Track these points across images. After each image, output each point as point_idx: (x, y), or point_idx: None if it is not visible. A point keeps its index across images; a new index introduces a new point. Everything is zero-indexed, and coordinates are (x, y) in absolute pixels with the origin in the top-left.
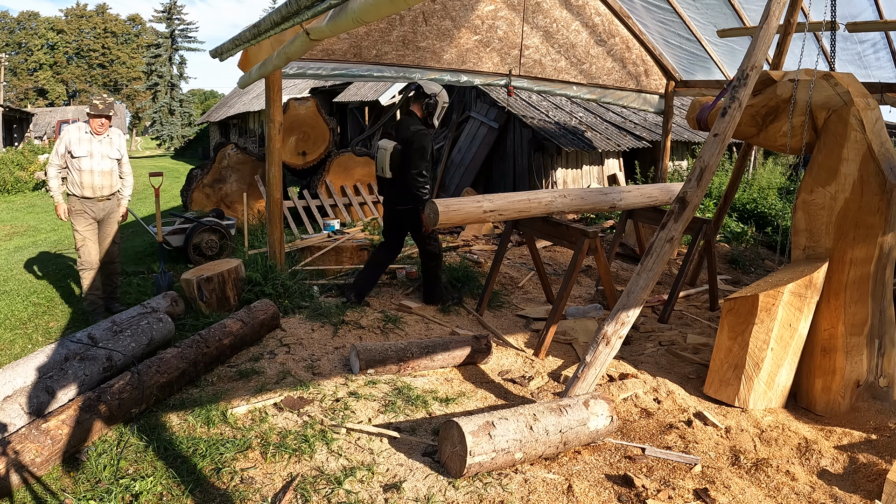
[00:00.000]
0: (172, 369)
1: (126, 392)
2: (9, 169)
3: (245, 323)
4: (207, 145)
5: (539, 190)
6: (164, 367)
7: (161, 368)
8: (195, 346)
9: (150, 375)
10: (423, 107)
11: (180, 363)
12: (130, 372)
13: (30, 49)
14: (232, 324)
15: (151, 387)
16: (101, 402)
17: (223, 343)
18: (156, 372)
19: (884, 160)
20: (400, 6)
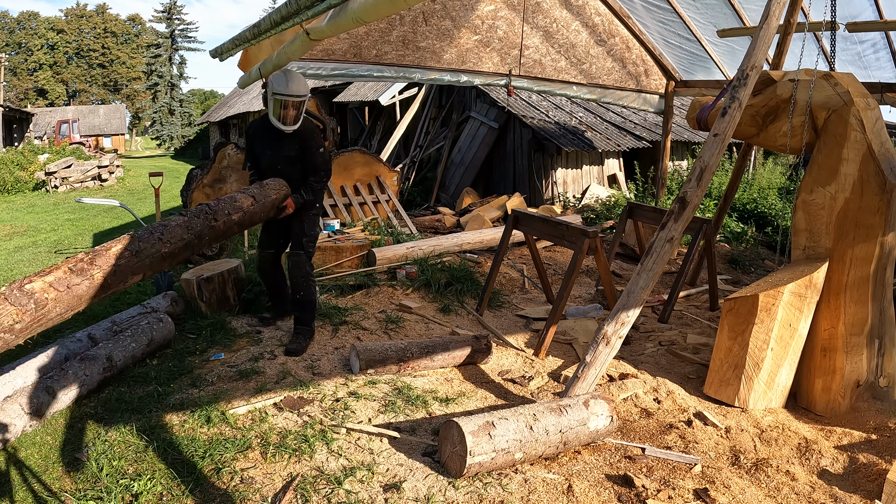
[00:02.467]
0: (176, 239)
1: (124, 259)
2: (9, 169)
3: (256, 200)
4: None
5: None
6: (167, 235)
7: (164, 237)
8: (202, 217)
9: (150, 242)
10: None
11: (185, 234)
12: (129, 235)
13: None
14: (243, 199)
15: (152, 255)
16: (94, 265)
17: (231, 218)
18: (157, 240)
19: (884, 160)
20: (400, 6)
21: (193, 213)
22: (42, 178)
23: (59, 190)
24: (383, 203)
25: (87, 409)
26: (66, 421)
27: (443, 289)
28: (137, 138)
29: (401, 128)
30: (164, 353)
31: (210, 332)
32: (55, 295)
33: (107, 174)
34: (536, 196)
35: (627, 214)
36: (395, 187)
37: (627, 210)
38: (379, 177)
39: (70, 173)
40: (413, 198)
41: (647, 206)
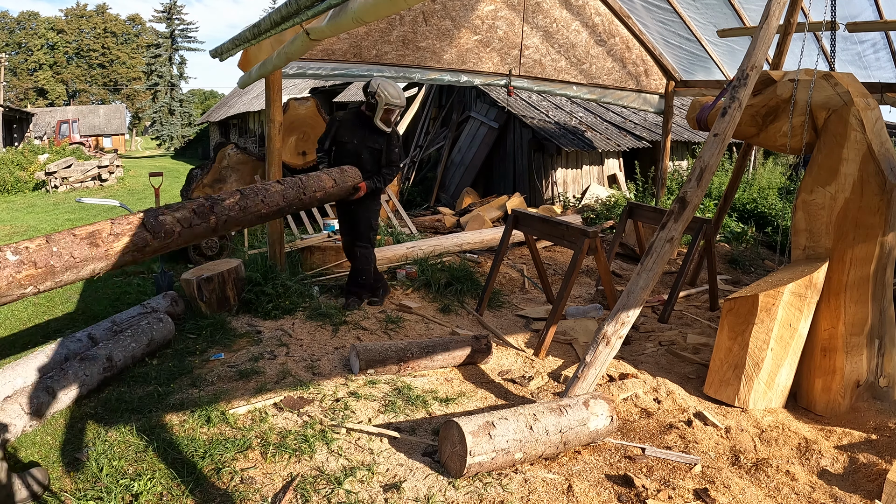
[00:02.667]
0: (273, 203)
1: (234, 211)
2: (9, 169)
3: (336, 183)
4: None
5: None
6: (268, 199)
7: (266, 200)
8: (295, 189)
9: (255, 202)
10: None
11: (281, 200)
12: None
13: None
14: (326, 179)
15: (253, 213)
16: (212, 214)
17: (315, 195)
18: (260, 201)
19: (884, 160)
20: (400, 6)
21: (289, 185)
22: (42, 178)
23: (59, 190)
24: (383, 203)
25: (87, 409)
26: (66, 421)
27: (443, 289)
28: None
29: (401, 128)
30: (164, 353)
31: (210, 332)
32: (179, 229)
33: (107, 174)
34: (536, 196)
35: (627, 214)
36: (395, 187)
37: (627, 210)
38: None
39: (70, 173)
40: (413, 198)
41: (647, 206)
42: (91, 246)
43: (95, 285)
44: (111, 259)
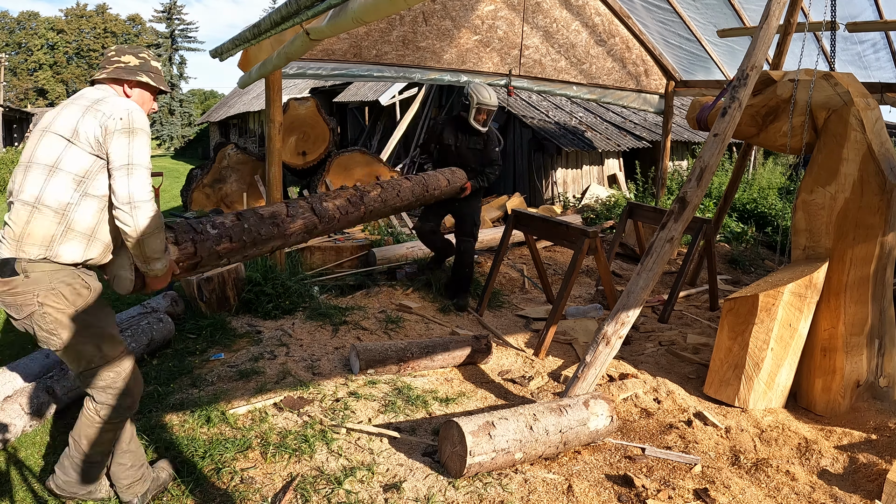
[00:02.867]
0: (406, 198)
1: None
2: (9, 169)
3: (449, 182)
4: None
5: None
6: (402, 194)
7: (399, 194)
8: (421, 186)
9: (392, 195)
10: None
11: (410, 196)
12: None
13: (30, 49)
14: (441, 179)
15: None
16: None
17: (434, 192)
18: (396, 195)
19: (884, 160)
20: (400, 6)
21: (416, 182)
22: None
23: None
24: None
25: None
26: (67, 421)
27: (443, 289)
28: None
29: (401, 128)
30: (164, 353)
31: (210, 332)
32: (339, 216)
33: None
34: (536, 196)
35: (627, 214)
36: None
37: (627, 210)
38: (379, 177)
39: None
40: None
41: (647, 206)
42: (273, 225)
43: None
44: (287, 239)
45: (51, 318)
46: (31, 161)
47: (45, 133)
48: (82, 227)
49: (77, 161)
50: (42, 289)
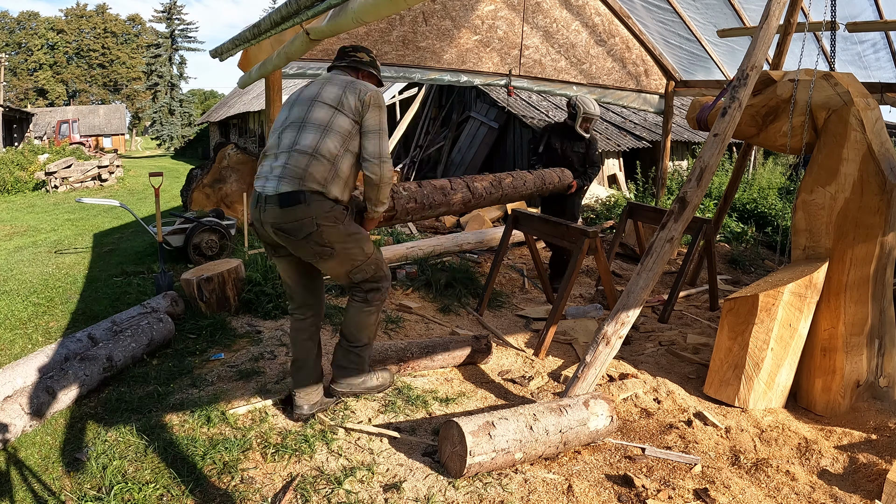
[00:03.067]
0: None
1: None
2: (9, 169)
3: (560, 179)
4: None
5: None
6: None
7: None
8: (540, 180)
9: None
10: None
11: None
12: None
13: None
14: (554, 176)
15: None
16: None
17: (548, 186)
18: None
19: (884, 160)
20: (400, 6)
21: (536, 176)
22: (42, 178)
23: (59, 190)
24: None
25: (87, 409)
26: (66, 421)
27: (443, 289)
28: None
29: (401, 128)
30: (164, 353)
31: (210, 332)
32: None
33: (107, 174)
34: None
35: (627, 214)
36: None
37: (627, 210)
38: None
39: (70, 173)
40: None
41: (647, 206)
42: (442, 195)
43: (95, 285)
44: (450, 207)
45: (326, 234)
46: (306, 121)
47: (315, 102)
48: (343, 174)
49: (343, 124)
50: (319, 213)
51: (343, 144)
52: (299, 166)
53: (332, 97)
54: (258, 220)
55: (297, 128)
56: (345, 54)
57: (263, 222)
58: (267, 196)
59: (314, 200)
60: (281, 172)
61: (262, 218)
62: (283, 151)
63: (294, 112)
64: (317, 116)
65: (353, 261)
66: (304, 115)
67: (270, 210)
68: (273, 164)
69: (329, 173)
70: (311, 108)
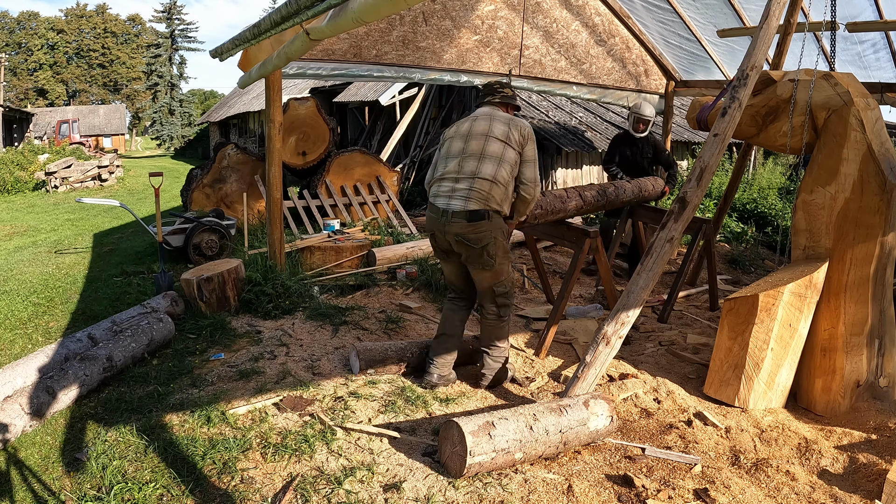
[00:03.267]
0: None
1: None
2: (9, 169)
3: (654, 186)
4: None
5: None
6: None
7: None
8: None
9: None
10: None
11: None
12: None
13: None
14: (649, 184)
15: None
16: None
17: (643, 194)
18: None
19: (884, 160)
20: (400, 6)
21: (634, 184)
22: (42, 178)
23: (59, 190)
24: (383, 203)
25: (87, 409)
26: (66, 421)
27: (443, 289)
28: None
29: (401, 128)
30: (164, 353)
31: (210, 332)
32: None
33: (107, 174)
34: None
35: (627, 214)
36: (395, 187)
37: (627, 210)
38: (379, 177)
39: (70, 173)
40: (413, 198)
41: (647, 206)
42: (560, 202)
43: (95, 285)
44: (566, 212)
45: (497, 246)
46: (484, 154)
47: (489, 137)
48: (510, 197)
49: (511, 156)
50: (496, 228)
51: (511, 172)
52: (483, 189)
53: (501, 133)
54: (441, 230)
55: (476, 158)
56: (494, 91)
57: (447, 232)
58: (454, 211)
59: (494, 217)
60: (467, 194)
61: (447, 229)
62: (467, 177)
63: (472, 145)
64: (492, 150)
65: (501, 276)
66: (482, 149)
67: (457, 223)
68: (456, 186)
69: (504, 196)
70: (487, 143)
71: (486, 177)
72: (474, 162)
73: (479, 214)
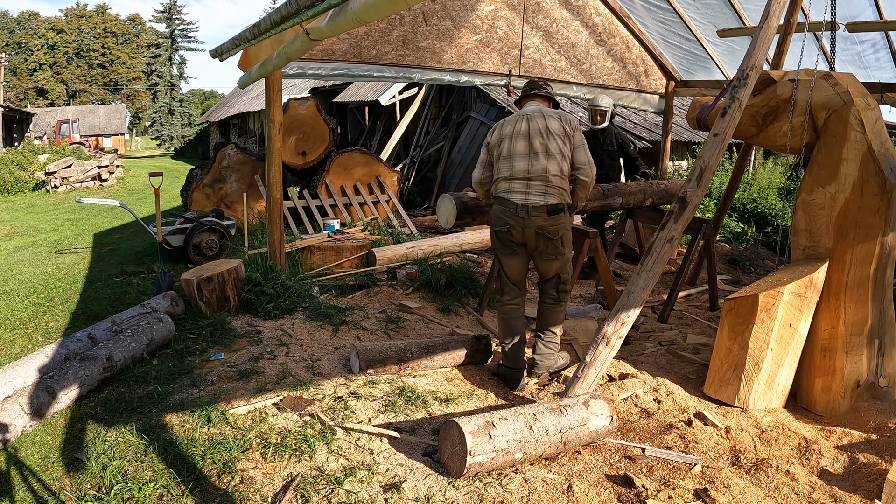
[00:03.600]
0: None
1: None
2: (9, 169)
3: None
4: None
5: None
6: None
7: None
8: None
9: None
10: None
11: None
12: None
13: (30, 49)
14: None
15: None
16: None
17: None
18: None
19: (884, 160)
20: (400, 6)
21: (673, 183)
22: (42, 178)
23: (59, 190)
24: (383, 203)
25: (87, 409)
26: (66, 421)
27: (443, 289)
28: (137, 138)
29: (401, 128)
30: (164, 353)
31: (210, 332)
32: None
33: (107, 174)
34: None
35: (627, 214)
36: (395, 187)
37: (627, 210)
38: (379, 177)
39: (70, 173)
40: (413, 198)
41: (647, 206)
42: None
43: (95, 285)
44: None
45: (567, 237)
46: (549, 152)
47: (549, 134)
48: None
49: (566, 150)
50: (568, 220)
51: (569, 165)
52: (556, 185)
53: (557, 129)
54: (519, 224)
55: (543, 155)
56: (538, 86)
57: (526, 226)
58: (534, 206)
59: (566, 210)
60: (544, 189)
61: (528, 223)
62: (539, 174)
63: (535, 144)
64: (553, 147)
65: (567, 262)
66: (546, 147)
67: (538, 217)
68: (531, 183)
69: (568, 189)
70: (548, 140)
71: (555, 173)
72: (542, 160)
73: (558, 208)
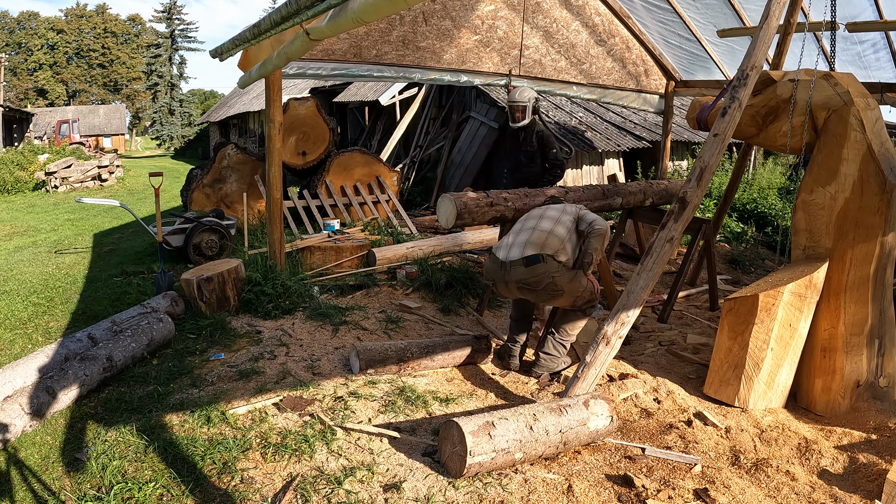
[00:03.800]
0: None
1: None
2: (9, 169)
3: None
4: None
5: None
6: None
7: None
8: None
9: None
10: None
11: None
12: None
13: (30, 49)
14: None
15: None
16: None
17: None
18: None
19: (884, 160)
20: (400, 6)
21: (673, 183)
22: (42, 178)
23: (59, 190)
24: (383, 203)
25: (87, 409)
26: (66, 421)
27: (443, 289)
28: (137, 138)
29: (401, 128)
30: (164, 353)
31: (210, 332)
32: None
33: (107, 174)
34: None
35: (627, 214)
36: (395, 187)
37: (627, 210)
38: (379, 177)
39: (70, 173)
40: (413, 198)
41: (646, 206)
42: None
43: (95, 285)
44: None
45: (557, 285)
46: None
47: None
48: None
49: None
50: (552, 270)
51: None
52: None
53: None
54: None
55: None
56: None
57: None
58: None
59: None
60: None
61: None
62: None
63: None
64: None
65: (575, 295)
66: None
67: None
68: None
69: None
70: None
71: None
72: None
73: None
